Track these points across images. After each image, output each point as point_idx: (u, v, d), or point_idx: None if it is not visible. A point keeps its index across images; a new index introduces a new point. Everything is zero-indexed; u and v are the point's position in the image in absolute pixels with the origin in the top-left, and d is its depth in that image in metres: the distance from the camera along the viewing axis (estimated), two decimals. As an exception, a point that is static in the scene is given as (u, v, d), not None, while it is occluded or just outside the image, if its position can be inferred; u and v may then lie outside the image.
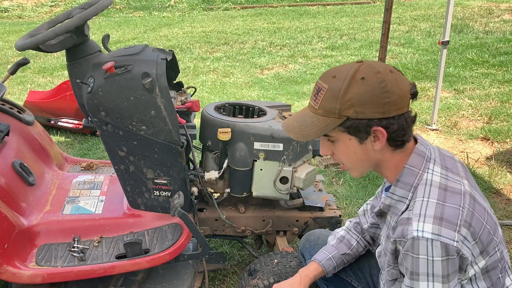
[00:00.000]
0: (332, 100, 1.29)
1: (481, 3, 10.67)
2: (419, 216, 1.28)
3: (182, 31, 9.08)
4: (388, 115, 1.28)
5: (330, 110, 1.30)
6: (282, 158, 2.13)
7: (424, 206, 1.29)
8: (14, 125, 2.38)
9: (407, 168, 1.37)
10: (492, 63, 6.52)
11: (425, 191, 1.32)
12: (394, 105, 1.28)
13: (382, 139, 1.32)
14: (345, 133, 1.33)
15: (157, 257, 2.01)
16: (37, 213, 2.16)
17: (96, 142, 4.25)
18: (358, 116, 1.29)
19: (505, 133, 4.32)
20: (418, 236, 1.25)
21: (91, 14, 1.95)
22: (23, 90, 5.69)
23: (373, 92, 1.27)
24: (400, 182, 1.38)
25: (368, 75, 1.28)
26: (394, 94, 1.27)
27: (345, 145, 1.36)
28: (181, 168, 2.07)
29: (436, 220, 1.26)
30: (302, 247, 1.93)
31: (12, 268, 1.89)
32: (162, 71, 1.96)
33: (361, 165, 1.41)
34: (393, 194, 1.40)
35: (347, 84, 1.28)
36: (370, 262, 1.80)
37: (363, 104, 1.27)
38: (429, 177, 1.34)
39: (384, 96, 1.27)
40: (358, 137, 1.33)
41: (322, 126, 1.32)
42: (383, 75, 1.28)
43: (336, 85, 1.29)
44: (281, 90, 5.74)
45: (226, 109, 2.39)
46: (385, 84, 1.27)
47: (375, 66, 1.31)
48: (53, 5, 12.19)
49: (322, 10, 11.02)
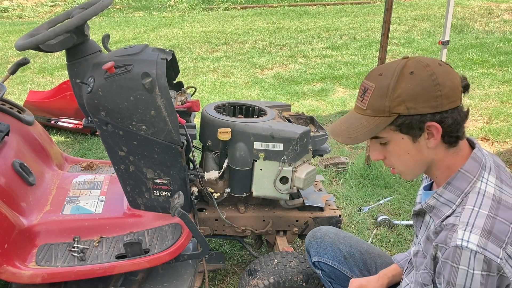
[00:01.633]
0: (381, 98, 1.24)
1: (481, 3, 10.67)
2: (466, 225, 1.22)
3: (182, 31, 9.08)
4: (441, 109, 1.22)
5: (379, 108, 1.25)
6: (282, 158, 2.13)
7: (474, 216, 1.23)
8: (14, 125, 2.38)
9: (462, 173, 1.30)
10: (492, 63, 6.52)
11: (477, 200, 1.26)
12: (447, 98, 1.22)
13: (437, 135, 1.25)
14: (397, 132, 1.27)
15: (157, 257, 2.01)
16: (37, 213, 2.16)
17: (96, 142, 4.25)
18: (410, 112, 1.23)
19: (505, 133, 4.33)
20: (462, 245, 1.19)
21: (91, 14, 1.95)
22: (23, 90, 5.69)
23: (423, 85, 1.21)
24: (451, 185, 1.31)
25: (417, 69, 1.23)
26: (446, 87, 1.22)
27: (398, 145, 1.30)
28: (181, 168, 2.07)
29: (484, 232, 1.19)
30: (308, 244, 1.90)
31: (12, 268, 1.89)
32: (162, 71, 1.96)
33: (415, 166, 1.34)
34: (440, 196, 1.33)
35: (396, 79, 1.23)
36: (376, 262, 1.80)
37: (415, 99, 1.22)
38: (482, 187, 1.28)
39: (435, 89, 1.21)
40: (411, 135, 1.26)
41: (372, 126, 1.27)
42: (433, 68, 1.23)
43: (384, 82, 1.24)
44: (281, 90, 5.74)
45: (226, 109, 2.38)
46: (435, 77, 1.22)
47: (423, 60, 1.25)
48: (53, 5, 12.19)
49: (322, 10, 11.02)
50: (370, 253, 1.82)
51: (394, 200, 3.29)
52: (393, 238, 2.89)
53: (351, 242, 1.85)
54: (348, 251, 1.82)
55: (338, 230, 1.92)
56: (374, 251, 1.85)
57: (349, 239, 1.87)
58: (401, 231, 2.97)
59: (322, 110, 5.06)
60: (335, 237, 1.87)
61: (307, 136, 2.17)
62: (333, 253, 1.82)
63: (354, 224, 3.04)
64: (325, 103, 5.29)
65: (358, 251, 1.82)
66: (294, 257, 2.04)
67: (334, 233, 1.89)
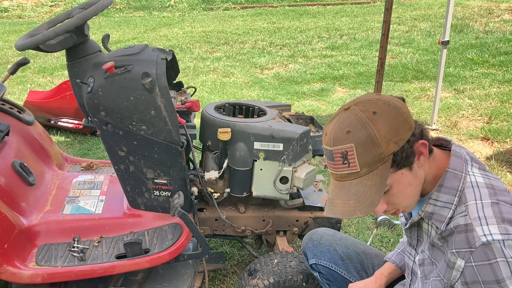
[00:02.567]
0: (370, 150, 1.22)
1: (481, 3, 10.67)
2: (479, 219, 1.22)
3: (182, 31, 9.08)
4: (413, 126, 1.26)
5: (374, 160, 1.22)
6: (282, 158, 2.13)
7: (481, 208, 1.24)
8: (14, 125, 2.38)
9: (450, 172, 1.31)
10: (492, 63, 6.52)
11: (475, 193, 1.27)
12: (409, 116, 1.27)
13: (425, 150, 1.27)
14: (396, 171, 1.25)
15: (157, 257, 2.00)
16: (37, 213, 2.16)
17: (96, 142, 4.25)
18: (400, 145, 1.23)
19: (505, 133, 4.33)
20: (489, 240, 1.18)
21: (91, 14, 1.95)
22: (23, 90, 5.69)
23: (393, 116, 1.23)
24: (444, 187, 1.31)
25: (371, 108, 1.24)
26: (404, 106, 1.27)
27: (401, 183, 1.28)
28: (181, 168, 2.07)
29: (498, 220, 1.21)
30: (305, 246, 1.91)
31: (12, 268, 1.89)
32: (162, 71, 1.96)
33: (416, 194, 1.33)
34: (437, 201, 1.32)
35: (370, 125, 1.22)
36: (373, 262, 1.79)
37: (396, 131, 1.22)
38: (473, 179, 1.30)
39: (401, 113, 1.24)
40: (408, 164, 1.26)
41: (379, 180, 1.23)
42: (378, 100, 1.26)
43: (361, 136, 1.22)
44: (281, 90, 5.74)
45: (226, 109, 2.38)
46: (389, 104, 1.25)
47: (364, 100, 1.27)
48: (53, 5, 12.19)
49: (322, 10, 11.02)
50: (367, 254, 1.82)
51: (394, 200, 3.28)
52: (393, 238, 2.89)
53: (348, 243, 1.85)
54: (345, 252, 1.81)
55: (335, 232, 1.92)
56: (371, 251, 1.84)
57: (346, 241, 1.87)
58: (401, 231, 2.97)
59: (322, 110, 5.06)
60: (331, 239, 1.87)
61: (307, 136, 2.17)
62: (330, 255, 1.82)
63: (354, 224, 3.04)
64: (325, 103, 5.30)
65: (355, 252, 1.82)
66: (294, 257, 2.04)
67: (331, 235, 1.89)
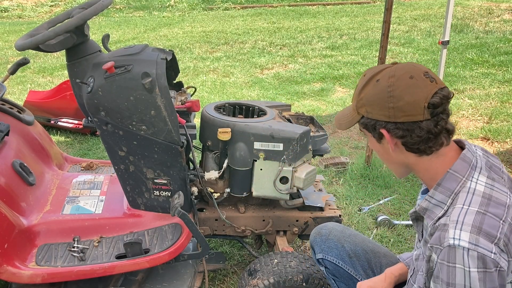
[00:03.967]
0: (354, 97, 1.38)
1: (481, 3, 10.67)
2: (456, 223, 1.23)
3: (182, 31, 9.08)
4: (394, 120, 1.29)
5: (354, 106, 1.39)
6: (282, 158, 2.13)
7: (463, 214, 1.24)
8: (14, 125, 2.38)
9: (450, 173, 1.33)
10: (492, 63, 6.52)
11: (466, 199, 1.28)
12: (401, 111, 1.28)
13: (389, 142, 1.33)
14: (364, 129, 1.39)
15: (157, 257, 2.00)
16: (37, 213, 2.16)
17: (96, 142, 4.25)
18: (368, 116, 1.34)
19: (505, 133, 4.33)
20: (454, 244, 1.20)
21: (91, 14, 1.95)
22: (23, 90, 5.69)
23: (379, 95, 1.30)
24: (441, 186, 1.34)
25: (383, 77, 1.31)
26: (402, 101, 1.27)
27: (371, 142, 1.43)
28: (181, 168, 2.07)
29: (474, 229, 1.20)
30: (313, 240, 1.90)
31: (12, 268, 1.89)
32: (162, 71, 1.96)
33: (391, 165, 1.44)
34: (432, 198, 1.36)
35: (364, 83, 1.34)
36: (381, 262, 1.79)
37: (371, 105, 1.32)
38: (472, 186, 1.30)
39: (388, 101, 1.28)
40: (373, 135, 1.37)
41: (350, 119, 1.41)
42: (396, 79, 1.29)
43: (360, 83, 1.37)
44: (281, 90, 5.74)
45: (226, 109, 2.38)
46: (392, 89, 1.28)
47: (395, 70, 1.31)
48: (53, 5, 12.19)
49: (322, 10, 11.02)
50: (375, 253, 1.81)
51: (394, 200, 3.29)
52: (393, 238, 2.89)
53: (357, 240, 1.84)
54: (353, 250, 1.81)
55: (344, 228, 1.91)
56: (380, 250, 1.84)
57: (355, 238, 1.86)
58: (401, 231, 2.97)
59: (322, 110, 5.06)
60: (340, 235, 1.86)
61: (307, 136, 2.17)
62: (337, 251, 1.81)
63: (354, 224, 3.04)
64: (325, 103, 5.29)
65: (363, 250, 1.81)
66: (294, 257, 2.04)
67: (340, 230, 1.88)
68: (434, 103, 1.28)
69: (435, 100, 1.28)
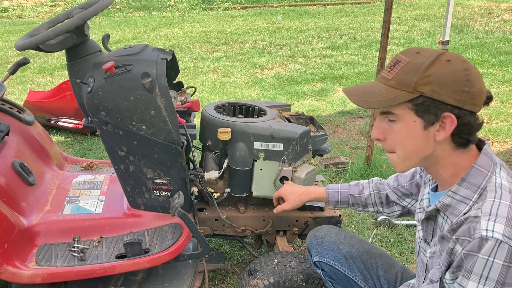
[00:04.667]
0: (411, 72, 1.23)
1: (481, 3, 10.67)
2: (489, 215, 1.20)
3: (182, 31, 9.08)
4: (462, 106, 1.22)
5: (404, 82, 1.23)
6: (282, 158, 2.13)
7: (496, 206, 1.21)
8: (14, 125, 2.38)
9: (476, 168, 1.29)
10: (492, 63, 6.52)
11: (496, 193, 1.25)
12: (471, 98, 1.22)
13: (448, 129, 1.25)
14: (412, 112, 1.25)
15: (157, 257, 2.00)
16: (37, 213, 2.16)
17: (96, 142, 4.25)
18: (432, 96, 1.22)
19: (505, 133, 4.33)
20: (488, 236, 1.16)
21: (91, 14, 1.95)
22: (23, 90, 5.69)
23: (455, 76, 1.21)
24: (466, 182, 1.29)
25: (454, 59, 1.24)
26: (475, 87, 1.22)
27: (406, 127, 1.28)
28: (181, 168, 2.07)
29: (508, 221, 1.18)
30: (309, 243, 1.90)
31: (12, 268, 1.89)
32: (162, 71, 1.96)
33: (414, 156, 1.31)
34: (456, 194, 1.31)
35: (432, 60, 1.23)
36: (377, 262, 1.79)
37: (442, 85, 1.21)
38: (498, 180, 1.28)
39: (465, 84, 1.21)
40: (425, 119, 1.25)
41: (391, 97, 1.25)
42: (469, 65, 1.24)
43: (419, 60, 1.24)
44: (281, 90, 5.74)
45: (226, 109, 2.38)
46: (469, 73, 1.22)
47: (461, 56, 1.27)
48: (53, 5, 12.19)
49: (322, 10, 11.02)
50: (371, 254, 1.81)
51: (394, 200, 3.28)
52: (393, 238, 2.89)
53: (352, 242, 1.85)
54: (349, 251, 1.81)
55: (339, 230, 1.92)
56: (375, 251, 1.84)
57: (350, 239, 1.86)
58: (401, 231, 2.97)
59: (322, 110, 5.06)
60: (336, 237, 1.86)
61: (307, 136, 2.17)
62: (333, 254, 1.82)
63: (354, 224, 3.04)
64: (325, 103, 5.30)
65: (359, 251, 1.81)
66: (294, 257, 2.04)
67: (335, 233, 1.88)
68: (490, 96, 1.27)
69: (490, 95, 1.27)
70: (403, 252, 2.77)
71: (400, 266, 1.81)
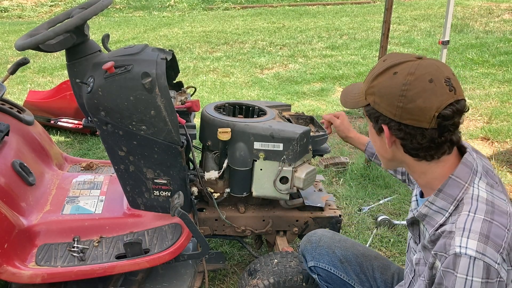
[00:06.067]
0: (367, 80, 1.31)
1: (481, 3, 10.67)
2: (463, 231, 1.19)
3: (182, 31, 9.08)
4: (399, 120, 1.23)
5: (363, 89, 1.32)
6: (282, 158, 2.13)
7: (470, 221, 1.20)
8: (14, 125, 2.38)
9: (453, 179, 1.28)
10: (492, 63, 6.52)
11: (471, 206, 1.23)
12: (408, 113, 1.22)
13: (387, 139, 1.29)
14: (366, 117, 1.34)
15: (157, 257, 2.00)
16: (37, 213, 2.15)
17: (96, 142, 4.25)
18: (374, 106, 1.28)
19: (505, 133, 4.33)
20: (461, 252, 1.16)
21: (91, 14, 1.95)
22: (23, 90, 5.69)
23: (391, 90, 1.23)
24: (443, 193, 1.29)
25: (401, 72, 1.23)
26: (412, 103, 1.20)
27: (370, 130, 1.38)
28: (181, 168, 2.07)
29: (481, 237, 1.17)
30: (303, 248, 1.89)
31: (12, 268, 1.89)
32: (162, 71, 1.96)
33: (382, 157, 1.40)
34: (432, 204, 1.31)
35: (381, 71, 1.27)
36: (373, 264, 1.78)
37: (381, 97, 1.26)
38: (475, 192, 1.26)
39: (399, 99, 1.22)
40: (374, 127, 1.32)
41: (356, 100, 1.35)
42: (415, 78, 1.21)
43: (376, 68, 1.29)
44: (281, 90, 5.74)
45: (226, 109, 2.38)
46: (407, 88, 1.21)
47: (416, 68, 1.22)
48: (53, 5, 12.19)
49: (322, 10, 11.02)
50: (366, 256, 1.80)
51: (394, 200, 3.29)
52: (393, 238, 2.89)
53: (347, 245, 1.83)
54: (344, 255, 1.79)
55: (333, 233, 1.90)
56: (370, 253, 1.82)
57: (345, 242, 1.84)
58: (401, 231, 2.97)
59: (322, 110, 5.06)
60: (330, 241, 1.84)
61: (307, 136, 2.17)
62: (328, 258, 1.80)
63: (354, 224, 3.04)
64: (325, 103, 5.29)
65: (354, 254, 1.79)
66: (294, 257, 2.04)
67: (329, 236, 1.87)
68: (444, 115, 1.21)
69: (446, 112, 1.21)
70: (403, 252, 2.77)
71: (396, 267, 1.79)
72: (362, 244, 1.93)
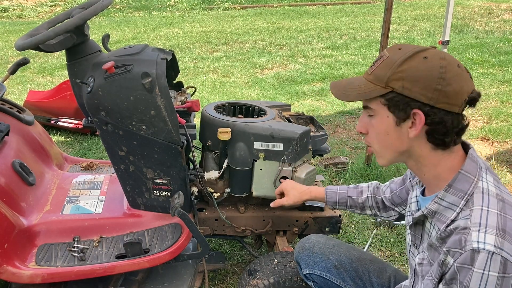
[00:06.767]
0: (386, 68, 1.24)
1: (481, 3, 10.68)
2: (479, 226, 1.17)
3: (182, 31, 9.08)
4: (434, 104, 1.20)
5: (380, 77, 1.25)
6: (282, 158, 2.13)
7: (485, 215, 1.19)
8: (14, 125, 2.38)
9: (462, 174, 1.27)
10: (492, 63, 6.52)
11: (483, 200, 1.22)
12: (445, 96, 1.20)
13: (418, 126, 1.23)
14: (384, 107, 1.26)
15: (157, 257, 2.00)
16: (37, 213, 2.16)
17: (96, 142, 4.25)
18: (403, 92, 1.22)
19: (505, 133, 4.33)
20: (479, 248, 1.14)
21: (91, 14, 1.95)
22: (23, 90, 5.69)
23: (429, 73, 1.20)
24: (453, 188, 1.27)
25: (432, 57, 1.22)
26: (450, 86, 1.20)
27: (381, 122, 1.29)
28: (181, 168, 2.07)
29: (499, 232, 1.16)
30: (297, 256, 1.86)
31: (12, 268, 1.89)
32: (162, 71, 1.96)
33: (390, 151, 1.32)
34: (442, 200, 1.29)
35: (407, 56, 1.22)
36: (368, 268, 1.75)
37: (414, 81, 1.21)
38: (485, 186, 1.25)
39: (437, 82, 1.19)
40: (396, 116, 1.25)
41: (366, 91, 1.27)
42: (448, 63, 1.22)
43: (397, 56, 1.24)
44: (281, 90, 5.74)
45: (226, 109, 2.38)
46: (445, 71, 1.20)
47: (445, 54, 1.24)
48: (53, 5, 12.19)
49: (322, 10, 11.02)
50: (361, 260, 1.77)
51: (394, 200, 3.28)
52: (393, 238, 2.89)
53: (341, 250, 1.80)
54: (339, 260, 1.76)
55: (327, 238, 1.87)
56: (366, 257, 1.79)
57: (339, 247, 1.81)
58: (401, 231, 2.97)
59: (322, 110, 5.06)
60: (324, 247, 1.81)
61: (307, 136, 2.17)
62: (323, 264, 1.77)
63: (354, 224, 3.04)
64: (325, 103, 5.30)
65: (349, 259, 1.77)
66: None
67: (323, 242, 1.84)
68: (473, 98, 1.24)
69: (474, 96, 1.24)
70: (403, 252, 2.77)
71: (392, 270, 1.77)
72: (357, 247, 1.90)
